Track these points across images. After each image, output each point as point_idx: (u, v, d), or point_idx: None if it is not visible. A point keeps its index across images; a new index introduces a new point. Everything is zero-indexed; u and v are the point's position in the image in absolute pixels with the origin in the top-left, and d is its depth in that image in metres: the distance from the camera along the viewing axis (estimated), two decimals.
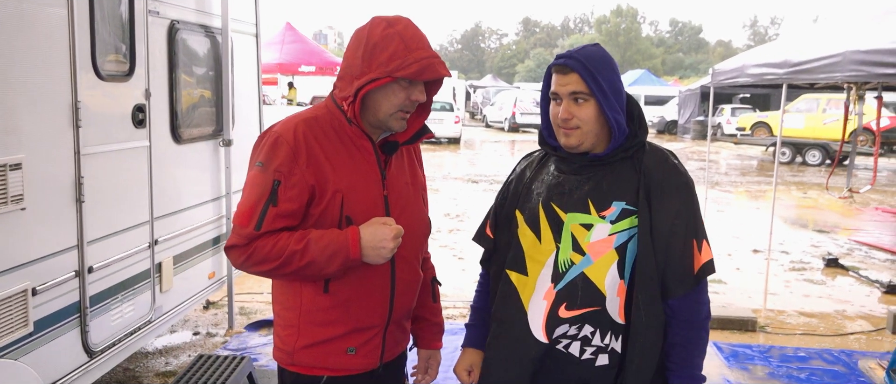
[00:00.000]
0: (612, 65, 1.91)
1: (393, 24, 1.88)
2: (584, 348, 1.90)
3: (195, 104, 4.37)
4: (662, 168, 1.91)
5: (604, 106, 1.86)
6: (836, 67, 5.74)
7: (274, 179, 1.83)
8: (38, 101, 2.90)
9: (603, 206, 1.89)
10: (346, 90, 1.90)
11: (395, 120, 1.92)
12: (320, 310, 1.92)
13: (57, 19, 3.00)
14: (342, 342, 1.94)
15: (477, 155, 20.50)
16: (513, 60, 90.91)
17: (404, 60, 1.83)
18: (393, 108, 1.89)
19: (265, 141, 1.89)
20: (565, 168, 1.98)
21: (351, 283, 1.91)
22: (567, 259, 1.90)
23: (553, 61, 1.93)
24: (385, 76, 1.84)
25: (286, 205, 1.83)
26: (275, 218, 1.83)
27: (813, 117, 21.11)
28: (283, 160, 1.84)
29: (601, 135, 1.92)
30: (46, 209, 2.96)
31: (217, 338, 5.13)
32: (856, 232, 9.92)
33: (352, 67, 1.89)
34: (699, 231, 1.91)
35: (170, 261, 4.00)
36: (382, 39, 1.85)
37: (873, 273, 7.45)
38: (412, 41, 1.86)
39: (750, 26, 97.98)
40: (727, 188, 14.23)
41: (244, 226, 1.84)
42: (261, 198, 1.83)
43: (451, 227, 9.47)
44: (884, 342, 5.44)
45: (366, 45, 1.87)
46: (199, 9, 4.32)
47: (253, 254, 1.84)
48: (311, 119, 1.92)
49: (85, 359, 3.26)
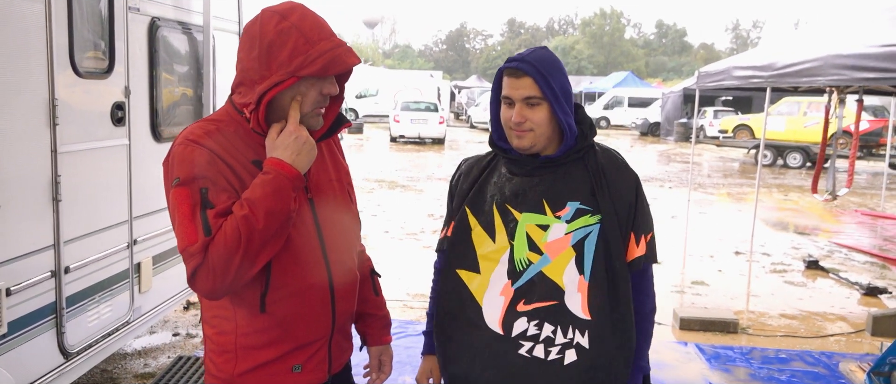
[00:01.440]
0: (561, 68, 1.94)
1: (286, 16, 1.68)
2: (548, 350, 1.91)
3: (176, 102, 4.31)
4: (614, 166, 1.97)
5: (556, 109, 1.89)
6: (819, 71, 5.79)
7: (200, 188, 1.62)
8: (14, 98, 2.84)
9: (558, 207, 1.92)
10: (246, 96, 1.69)
11: (311, 118, 1.74)
12: (258, 332, 1.75)
13: (34, 15, 2.94)
14: (285, 361, 1.78)
15: (461, 155, 20.45)
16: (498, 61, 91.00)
17: (307, 56, 1.64)
18: (306, 107, 1.71)
19: (174, 157, 1.68)
20: (517, 170, 2.00)
21: (288, 299, 1.75)
22: (524, 258, 1.93)
23: (505, 64, 1.93)
24: (288, 77, 1.65)
25: (222, 204, 1.63)
26: (216, 217, 1.62)
27: (794, 120, 21.33)
28: (203, 166, 1.64)
29: (552, 137, 1.95)
30: (22, 208, 2.90)
31: (197, 339, 5.07)
32: (836, 234, 10.01)
33: (249, 71, 1.69)
34: (639, 225, 1.95)
35: (149, 261, 3.95)
36: (278, 35, 1.65)
37: (853, 275, 7.52)
38: (312, 32, 1.67)
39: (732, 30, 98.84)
40: (710, 190, 14.32)
41: (194, 243, 1.60)
42: (194, 210, 1.61)
43: (435, 228, 9.45)
44: (863, 344, 5.49)
45: (261, 45, 1.67)
46: (181, 6, 4.27)
47: (214, 263, 1.59)
48: (214, 131, 1.70)
49: (61, 360, 3.20)
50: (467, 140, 25.87)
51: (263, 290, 1.73)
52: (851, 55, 5.49)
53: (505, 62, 1.94)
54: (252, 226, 1.59)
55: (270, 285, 1.72)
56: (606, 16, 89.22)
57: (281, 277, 1.73)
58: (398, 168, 15.94)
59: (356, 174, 14.01)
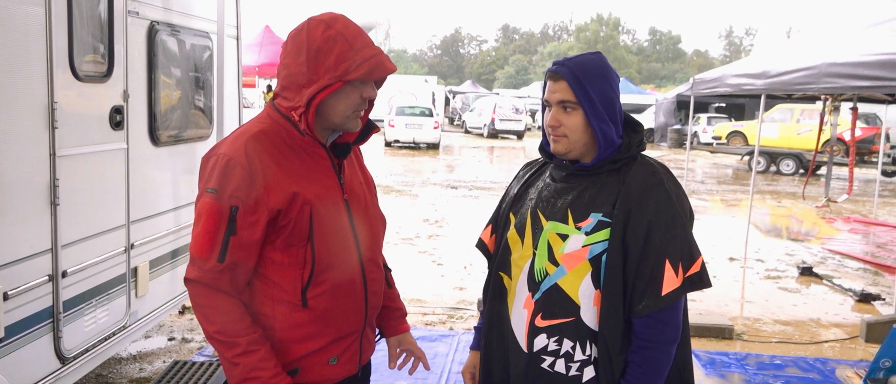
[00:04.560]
0: (606, 75, 1.89)
1: (332, 25, 1.80)
2: (568, 365, 1.89)
3: (173, 106, 4.31)
4: (645, 182, 1.85)
5: (590, 116, 1.85)
6: (814, 79, 5.83)
7: (231, 206, 1.73)
8: (13, 101, 2.84)
9: (581, 217, 1.87)
10: (294, 100, 1.81)
11: (352, 121, 1.87)
12: (297, 327, 1.85)
13: (34, 18, 2.94)
14: (323, 354, 1.90)
15: (456, 161, 20.50)
16: (492, 67, 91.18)
17: (353, 62, 1.77)
18: (349, 110, 1.84)
19: (215, 164, 1.77)
20: (556, 176, 1.99)
21: (329, 294, 1.86)
22: (542, 268, 1.90)
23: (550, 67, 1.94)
24: (336, 81, 1.77)
25: (246, 232, 1.75)
26: (236, 247, 1.74)
27: (787, 127, 21.43)
28: (238, 184, 1.74)
29: (590, 145, 1.91)
30: (20, 212, 2.89)
31: (193, 344, 5.06)
32: (829, 241, 10.06)
33: (296, 76, 1.80)
34: (675, 251, 1.81)
35: (146, 265, 3.94)
36: (325, 42, 1.78)
37: (846, 281, 7.56)
38: (356, 39, 1.80)
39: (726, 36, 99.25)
40: (704, 196, 14.37)
41: (206, 259, 1.74)
42: (220, 228, 1.73)
43: (430, 233, 9.45)
44: (857, 350, 5.51)
45: (308, 51, 1.78)
46: (180, 10, 4.27)
47: (215, 308, 1.75)
48: (260, 134, 1.82)
49: (57, 365, 3.18)
50: (462, 145, 25.90)
51: (305, 285, 1.83)
52: (846, 63, 5.53)
53: None
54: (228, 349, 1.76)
55: (312, 281, 1.83)
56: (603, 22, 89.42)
57: (322, 273, 1.84)
58: (393, 173, 15.93)
59: None
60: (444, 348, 5.06)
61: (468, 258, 7.86)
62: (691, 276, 1.83)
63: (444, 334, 5.40)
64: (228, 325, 1.75)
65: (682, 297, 1.85)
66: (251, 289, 1.85)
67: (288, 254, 1.82)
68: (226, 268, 1.75)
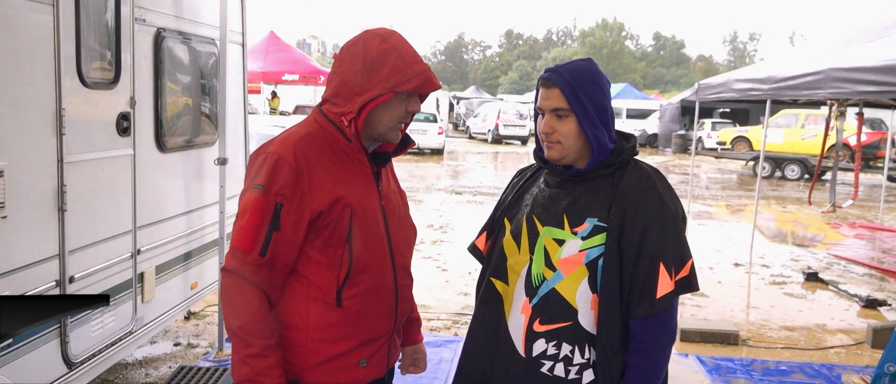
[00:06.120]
0: (598, 81, 1.91)
1: (387, 39, 1.89)
2: (567, 369, 1.90)
3: (180, 112, 4.33)
4: (638, 187, 1.89)
5: (583, 123, 1.88)
6: (820, 84, 5.83)
7: (276, 202, 1.79)
8: (21, 108, 2.86)
9: (576, 222, 1.90)
10: (345, 106, 1.88)
11: (394, 132, 1.95)
12: (330, 327, 1.89)
13: (42, 25, 2.96)
14: (354, 355, 1.93)
15: (460, 166, 20.51)
16: (496, 72, 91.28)
17: (404, 75, 1.85)
18: (393, 121, 1.92)
19: (264, 162, 1.84)
20: (551, 181, 2.01)
21: (362, 296, 1.90)
22: (539, 273, 1.92)
23: (542, 75, 1.95)
24: (387, 91, 1.85)
25: (289, 229, 1.80)
26: (278, 243, 1.80)
27: (792, 132, 21.40)
28: (285, 183, 1.80)
29: (583, 150, 1.94)
30: (28, 218, 2.91)
31: (198, 350, 5.07)
32: (834, 246, 10.03)
33: (350, 84, 1.87)
34: (668, 254, 1.85)
35: (152, 271, 3.95)
36: (380, 54, 1.86)
37: (852, 287, 7.53)
38: (408, 55, 1.88)
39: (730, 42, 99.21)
40: (709, 202, 14.35)
41: (248, 252, 1.80)
42: (264, 223, 1.79)
43: (435, 239, 9.45)
44: (863, 356, 5.49)
45: (364, 61, 1.86)
46: (187, 17, 4.29)
47: (244, 303, 1.80)
48: (308, 137, 1.89)
49: (64, 370, 3.20)
50: (466, 151, 25.90)
51: (340, 286, 1.87)
52: (851, 68, 5.53)
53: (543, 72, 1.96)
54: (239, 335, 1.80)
55: (348, 282, 1.87)
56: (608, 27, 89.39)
57: (358, 274, 1.88)
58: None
59: None
60: (449, 354, 5.06)
61: (473, 264, 7.86)
62: (681, 280, 1.86)
63: (449, 339, 5.40)
64: (251, 324, 1.79)
65: (676, 300, 1.88)
66: (287, 287, 1.89)
67: (326, 255, 1.86)
68: (266, 262, 1.80)
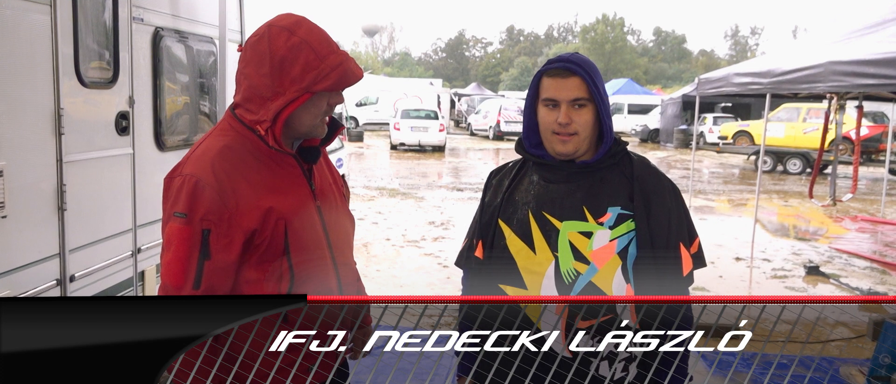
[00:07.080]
0: (599, 72, 1.93)
1: (294, 31, 1.69)
2: (613, 366, 1.87)
3: (178, 111, 4.34)
4: (652, 174, 1.93)
5: (602, 111, 1.86)
6: (820, 78, 5.82)
7: (202, 229, 1.63)
8: (20, 108, 2.87)
9: (599, 213, 1.85)
10: (259, 114, 1.71)
11: (319, 128, 1.80)
12: None
13: (40, 25, 2.97)
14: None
15: (461, 163, 20.50)
16: (497, 69, 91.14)
17: (320, 72, 1.67)
18: (316, 119, 1.76)
19: (182, 186, 1.66)
20: (552, 176, 1.93)
21: None
22: (570, 269, 1.85)
23: (547, 66, 1.87)
24: (303, 93, 1.67)
25: (221, 255, 1.65)
26: (211, 273, 1.64)
27: (793, 126, 21.35)
28: (209, 207, 1.64)
29: (592, 141, 1.91)
30: (28, 217, 2.92)
31: None
32: (836, 240, 10.02)
33: (260, 88, 1.70)
34: (685, 234, 1.91)
35: (153, 269, 3.96)
36: (289, 51, 1.67)
37: (853, 281, 7.53)
38: (321, 46, 1.69)
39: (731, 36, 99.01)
40: (710, 196, 14.34)
41: (180, 288, 1.64)
42: (192, 254, 1.63)
43: (436, 235, 9.46)
44: (864, 349, 5.49)
45: (271, 62, 1.68)
46: (185, 16, 4.30)
47: None
48: (225, 149, 1.71)
49: None
50: (468, 148, 25.90)
51: None
52: (851, 61, 5.52)
53: (546, 64, 1.88)
54: None
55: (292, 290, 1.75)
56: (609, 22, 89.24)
57: (300, 286, 1.76)
58: (399, 176, 15.96)
59: (357, 182, 14.03)
60: None
61: None
62: (694, 255, 1.91)
63: None
64: None
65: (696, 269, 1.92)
66: None
67: (262, 270, 1.73)
68: (202, 294, 1.66)
